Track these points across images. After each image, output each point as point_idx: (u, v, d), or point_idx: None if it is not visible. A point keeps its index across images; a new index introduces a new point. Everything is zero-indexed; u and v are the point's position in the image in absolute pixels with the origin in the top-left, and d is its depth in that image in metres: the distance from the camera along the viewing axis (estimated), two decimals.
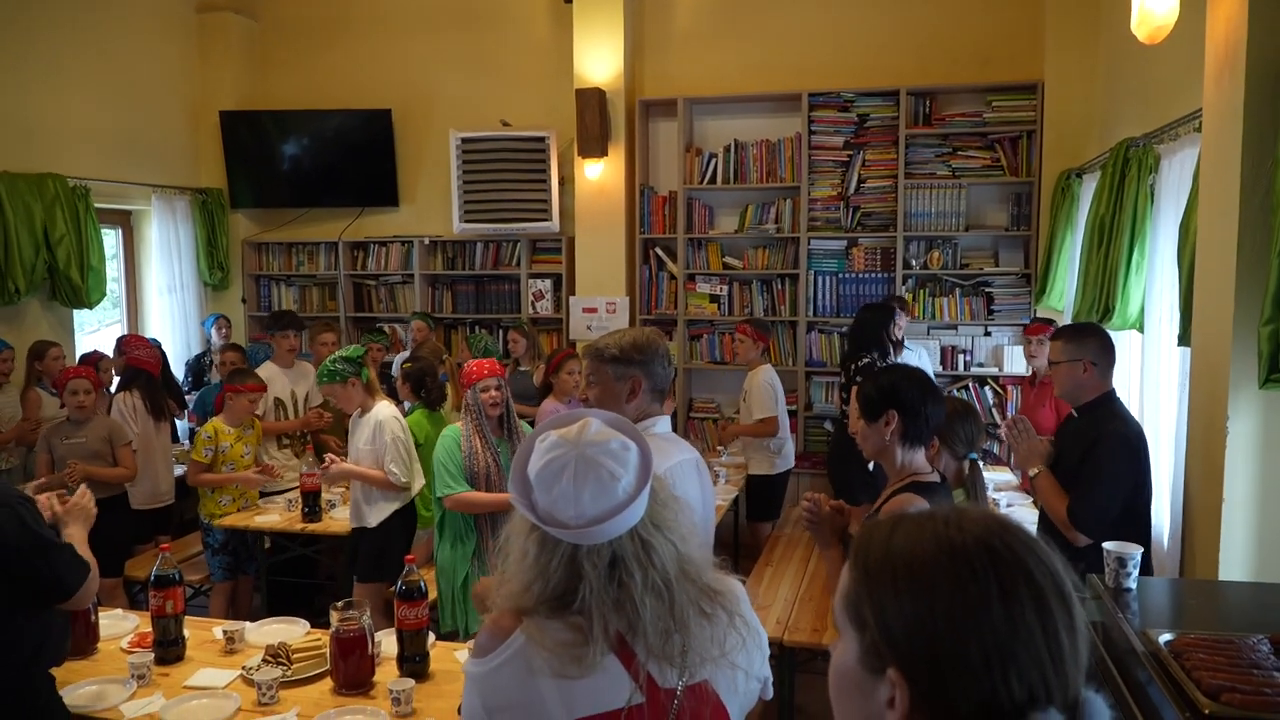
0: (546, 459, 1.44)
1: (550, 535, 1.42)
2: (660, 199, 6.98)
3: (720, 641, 1.46)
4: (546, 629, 1.41)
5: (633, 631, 1.41)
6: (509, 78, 7.31)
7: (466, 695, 1.48)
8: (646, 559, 1.42)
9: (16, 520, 2.36)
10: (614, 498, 1.40)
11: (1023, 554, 0.90)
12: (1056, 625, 0.87)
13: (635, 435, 1.49)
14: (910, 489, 2.47)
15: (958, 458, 3.00)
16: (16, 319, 6.09)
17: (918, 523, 0.94)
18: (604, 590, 1.40)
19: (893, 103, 6.43)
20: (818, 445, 6.78)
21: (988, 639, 0.86)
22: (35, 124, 6.18)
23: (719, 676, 1.48)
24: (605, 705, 1.40)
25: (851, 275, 6.65)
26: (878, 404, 2.54)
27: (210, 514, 4.84)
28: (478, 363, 3.87)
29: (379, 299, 7.75)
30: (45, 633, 2.50)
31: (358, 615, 2.86)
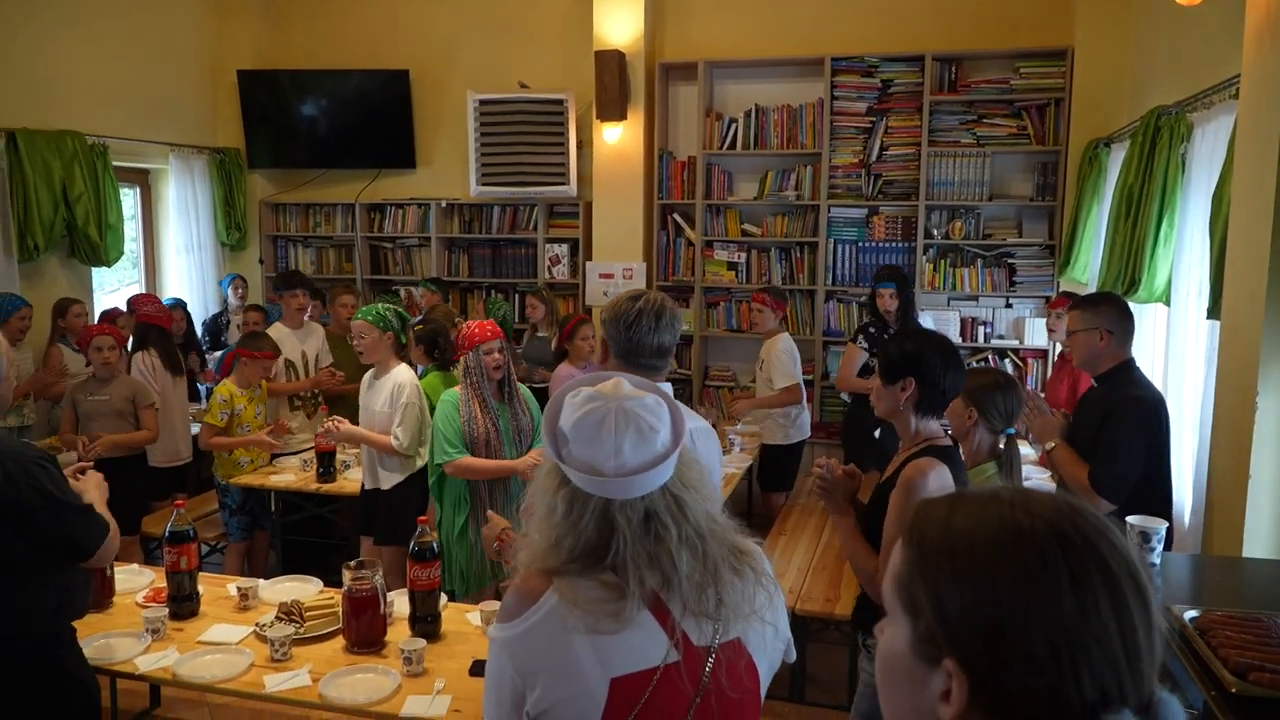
0: (584, 410, 1.43)
1: (581, 491, 1.41)
2: (679, 164, 6.90)
3: (750, 598, 1.46)
4: (579, 587, 1.39)
5: (667, 587, 1.40)
6: (528, 39, 7.23)
7: (493, 660, 1.46)
8: (680, 513, 1.42)
9: (33, 482, 2.36)
10: (653, 449, 1.40)
11: (1096, 540, 0.83)
12: (1133, 619, 0.81)
13: (664, 395, 1.50)
14: (928, 453, 2.44)
15: (994, 431, 2.95)
16: (36, 276, 6.10)
17: (980, 502, 0.88)
18: (639, 543, 1.39)
19: (917, 68, 6.32)
20: (834, 416, 6.73)
21: (1056, 630, 0.79)
22: (54, 81, 6.16)
23: (750, 633, 1.48)
24: (642, 663, 1.39)
25: (871, 244, 6.57)
26: (898, 368, 2.51)
27: (227, 473, 4.86)
28: (479, 324, 3.80)
29: (395, 261, 7.73)
30: (68, 588, 2.51)
31: (370, 575, 2.86)
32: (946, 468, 2.40)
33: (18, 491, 2.34)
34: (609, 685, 1.37)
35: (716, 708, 1.43)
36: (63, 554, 2.45)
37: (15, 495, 2.34)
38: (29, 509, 2.36)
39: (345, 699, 2.58)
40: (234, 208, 7.69)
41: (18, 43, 5.91)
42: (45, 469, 2.42)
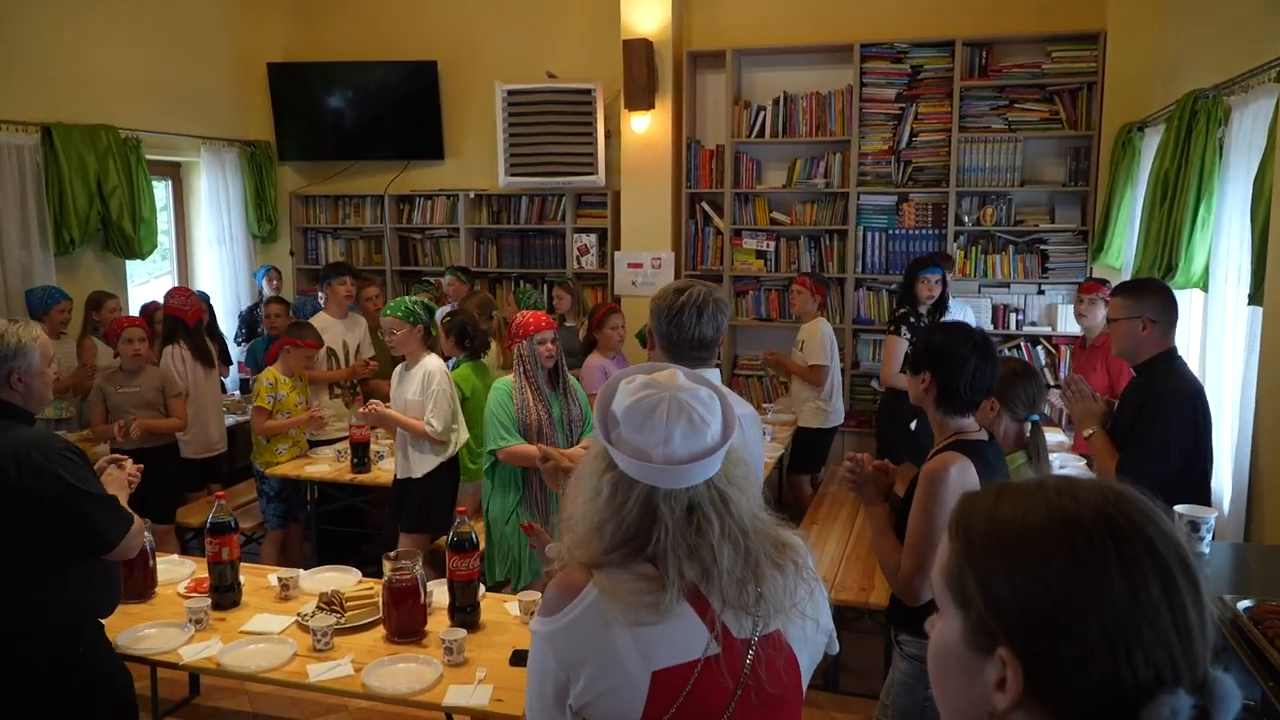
0: (638, 397, 1.43)
1: (627, 476, 1.41)
2: (707, 153, 6.88)
3: (790, 592, 1.46)
4: (618, 580, 1.40)
5: (707, 580, 1.40)
6: (555, 29, 7.22)
7: (535, 654, 1.47)
8: (724, 508, 1.42)
9: (57, 473, 2.39)
10: (702, 442, 1.40)
11: (1143, 524, 0.84)
12: (1183, 599, 0.81)
13: (719, 390, 1.50)
14: (953, 447, 2.42)
15: (1018, 419, 2.93)
16: (72, 269, 6.18)
17: (1026, 491, 0.88)
18: (680, 535, 1.39)
19: (948, 54, 6.26)
20: (864, 404, 6.71)
21: (1108, 614, 0.80)
22: (88, 76, 6.22)
23: (790, 627, 1.47)
24: (682, 656, 1.39)
25: (901, 231, 6.53)
26: (920, 360, 2.50)
27: (266, 462, 4.91)
28: (533, 314, 3.86)
29: (424, 252, 7.76)
30: (89, 583, 2.54)
31: (410, 565, 2.89)
32: (970, 463, 2.35)
33: (41, 481, 2.37)
34: (650, 678, 1.38)
35: (757, 701, 1.43)
36: (84, 545, 2.48)
37: (39, 485, 2.37)
38: (52, 499, 2.39)
39: (388, 688, 2.61)
40: (264, 200, 7.74)
41: (53, 38, 5.97)
42: (70, 460, 2.45)
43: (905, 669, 2.55)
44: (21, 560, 2.43)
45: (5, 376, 2.47)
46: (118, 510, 2.54)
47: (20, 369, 2.48)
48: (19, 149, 5.67)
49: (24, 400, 2.52)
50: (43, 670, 2.48)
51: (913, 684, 2.52)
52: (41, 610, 2.46)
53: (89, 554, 2.49)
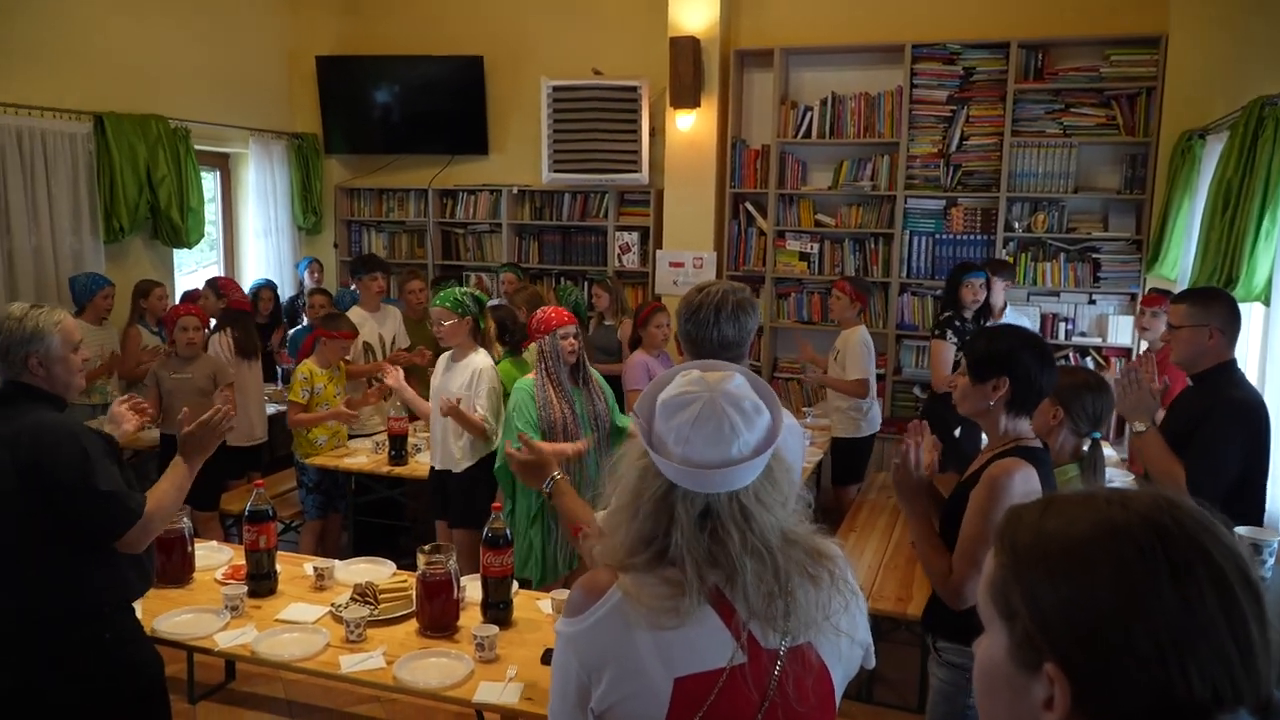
0: (679, 390, 1.40)
1: (653, 467, 1.38)
2: (752, 152, 6.82)
3: (824, 605, 1.40)
4: (643, 583, 1.36)
5: (731, 586, 1.36)
6: (602, 25, 7.20)
7: (559, 655, 1.44)
8: (744, 522, 1.36)
9: (67, 459, 2.38)
10: (723, 452, 1.35)
11: (1197, 533, 0.79)
12: (1243, 611, 0.76)
13: (774, 406, 1.43)
14: (1017, 453, 2.35)
15: (1079, 433, 2.84)
16: (120, 257, 6.26)
17: (1074, 501, 0.85)
18: (695, 539, 1.35)
19: (1002, 55, 6.15)
20: (905, 411, 6.62)
21: (1160, 626, 0.75)
22: (140, 66, 6.30)
23: (823, 641, 1.42)
24: (706, 664, 1.35)
25: (949, 236, 6.43)
26: (989, 367, 2.40)
27: (305, 452, 4.93)
28: (554, 310, 3.83)
29: (466, 247, 7.78)
30: (116, 567, 2.52)
31: (444, 559, 2.87)
32: (1034, 470, 2.30)
33: (56, 466, 2.37)
34: (673, 685, 1.34)
35: (784, 716, 1.38)
36: (89, 534, 2.45)
37: (54, 469, 2.37)
38: (63, 485, 2.38)
39: (419, 682, 2.59)
40: (310, 192, 7.81)
41: (106, 28, 6.05)
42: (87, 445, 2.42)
43: (944, 676, 2.48)
44: (48, 543, 2.42)
45: (23, 360, 2.45)
46: (125, 502, 2.48)
47: (38, 353, 2.46)
48: (72, 137, 5.76)
49: (47, 385, 2.50)
50: (68, 655, 2.48)
51: (953, 692, 2.45)
52: (66, 595, 2.46)
53: (97, 542, 2.47)
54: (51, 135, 5.62)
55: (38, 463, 2.36)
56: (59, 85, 5.72)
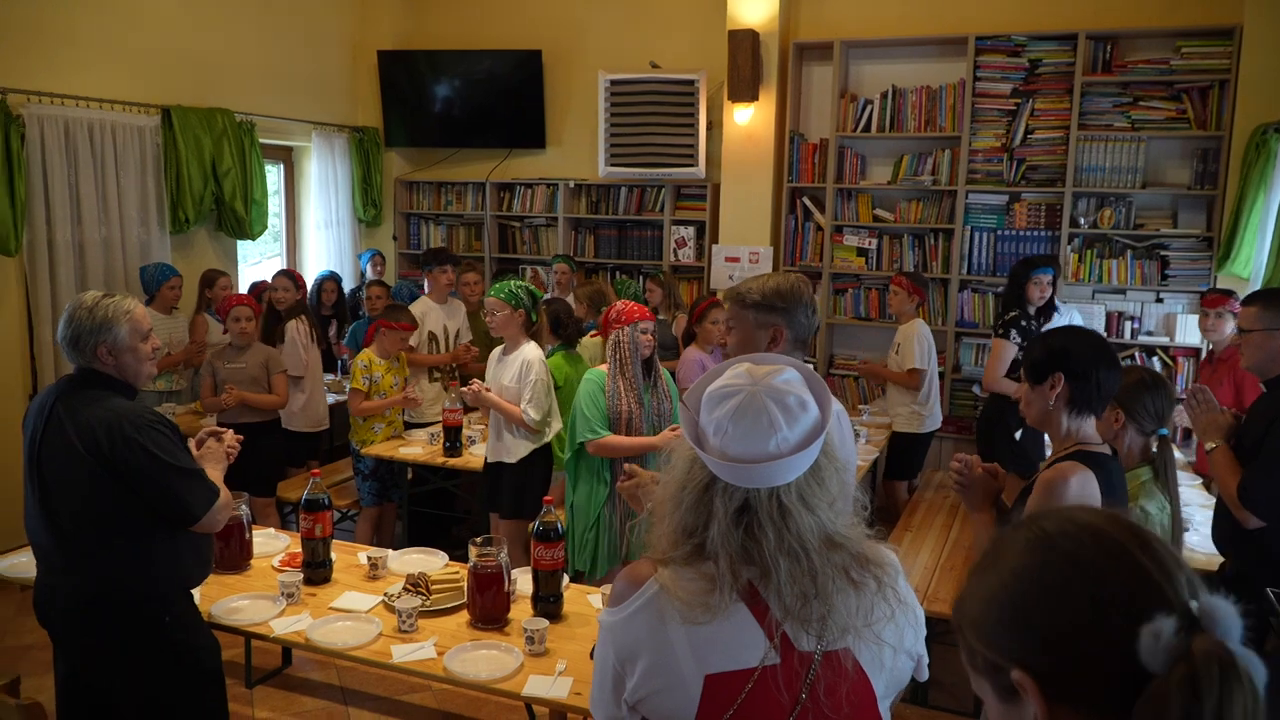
0: (724, 384, 1.39)
1: (699, 459, 1.38)
2: (810, 146, 6.75)
3: (866, 612, 1.36)
4: (680, 576, 1.35)
5: (766, 584, 1.33)
6: (660, 18, 7.17)
7: (599, 644, 1.45)
8: (781, 521, 1.33)
9: (143, 445, 2.43)
10: (761, 447, 1.33)
11: (1076, 516, 0.90)
12: (1127, 548, 0.85)
13: (824, 403, 1.40)
14: (1076, 457, 2.28)
15: (1145, 433, 2.76)
16: (186, 247, 6.40)
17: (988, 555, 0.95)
18: (729, 533, 1.33)
19: (1069, 47, 6.00)
20: (963, 410, 6.51)
21: (1075, 588, 0.84)
22: (207, 60, 6.42)
23: (862, 648, 1.38)
24: (738, 662, 1.33)
25: (1011, 232, 6.30)
26: (1044, 366, 2.34)
27: (362, 441, 5.00)
28: (636, 305, 3.86)
29: (523, 240, 7.82)
30: (177, 554, 2.58)
31: (495, 551, 2.88)
32: (1093, 475, 2.22)
33: (131, 452, 2.42)
34: (703, 681, 1.33)
35: None
36: (169, 516, 2.51)
37: (128, 455, 2.42)
38: (140, 469, 2.43)
39: (469, 674, 2.60)
40: (370, 185, 7.90)
41: (175, 24, 6.17)
42: (160, 432, 2.48)
43: None
44: (113, 528, 2.48)
45: (93, 349, 2.51)
46: (204, 483, 2.56)
47: (107, 342, 2.51)
48: (140, 130, 5.89)
49: (117, 373, 2.55)
50: (128, 637, 2.54)
51: None
52: (129, 578, 2.52)
53: (174, 525, 2.53)
54: (120, 128, 5.75)
55: (114, 451, 2.41)
56: (128, 79, 5.86)
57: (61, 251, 5.45)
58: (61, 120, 5.40)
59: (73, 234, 5.53)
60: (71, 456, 2.44)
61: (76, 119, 5.49)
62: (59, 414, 2.48)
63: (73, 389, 2.54)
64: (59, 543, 2.52)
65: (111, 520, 2.47)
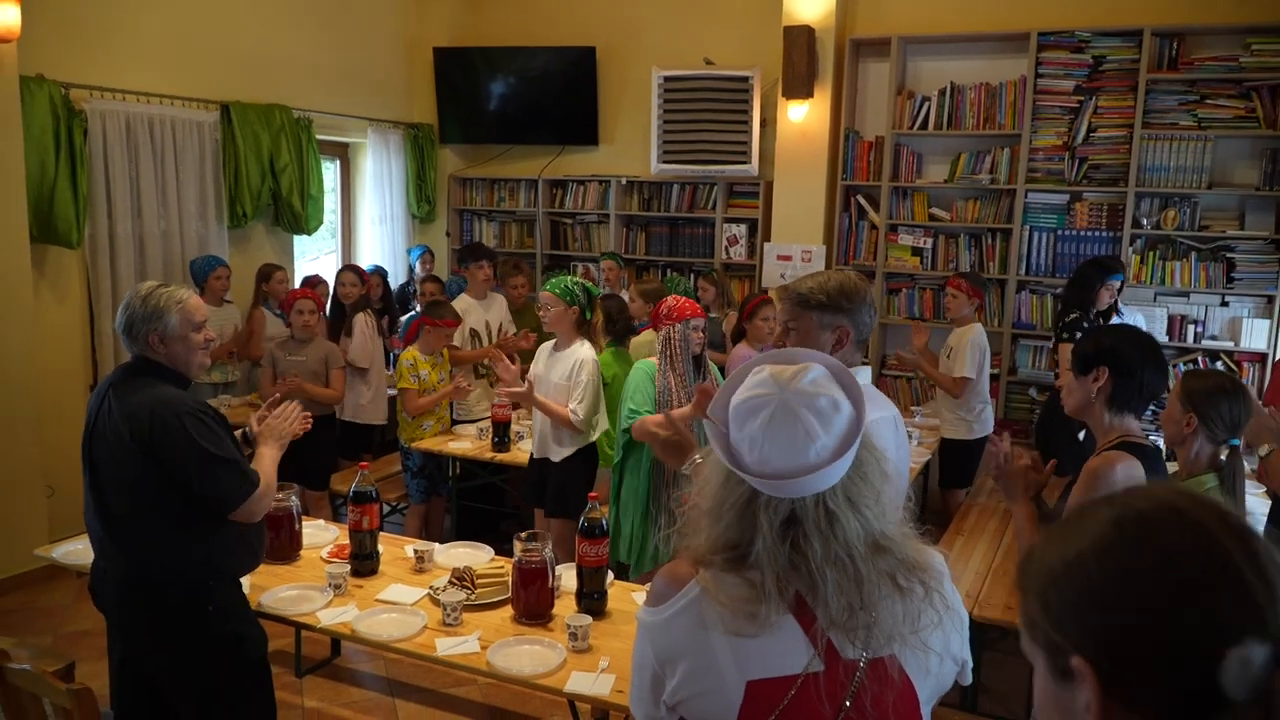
0: (750, 394, 1.34)
1: (735, 473, 1.33)
2: (865, 144, 6.67)
3: (913, 618, 1.33)
4: (723, 582, 1.32)
5: (813, 594, 1.30)
6: (715, 14, 7.13)
7: (638, 643, 1.43)
8: (829, 529, 1.30)
9: (184, 431, 2.46)
10: (802, 458, 1.29)
11: (1179, 503, 0.82)
12: (1233, 557, 0.77)
13: (856, 396, 1.36)
14: (1121, 447, 2.26)
15: (1216, 441, 2.66)
16: (243, 242, 6.50)
17: (1073, 517, 0.88)
18: (776, 547, 1.29)
19: (1134, 44, 5.84)
20: (1019, 413, 6.38)
21: (1162, 587, 0.77)
22: (266, 57, 6.51)
23: (908, 655, 1.35)
24: (781, 670, 1.30)
25: (1072, 232, 6.16)
26: (1091, 359, 2.38)
27: (410, 437, 5.04)
28: (688, 300, 3.85)
29: (574, 237, 7.82)
30: (222, 543, 2.61)
31: (540, 547, 2.88)
32: (1138, 462, 2.24)
33: (171, 439, 2.45)
34: (745, 688, 1.30)
35: None
36: (206, 503, 2.54)
37: (169, 442, 2.45)
38: (178, 457, 2.46)
39: (512, 669, 2.60)
40: (425, 181, 7.97)
41: (234, 21, 6.27)
42: (201, 419, 2.51)
43: None
44: (157, 514, 2.52)
45: (145, 337, 2.55)
46: (242, 473, 2.58)
47: (159, 330, 2.55)
48: (200, 125, 5.99)
49: (168, 361, 2.59)
50: (173, 624, 2.58)
51: None
52: (174, 565, 2.55)
53: (213, 512, 2.56)
54: (180, 123, 5.86)
55: (155, 437, 2.45)
56: (189, 75, 5.96)
57: (122, 244, 5.57)
58: (123, 115, 5.51)
59: (133, 227, 5.65)
60: (119, 442, 2.48)
61: (138, 114, 5.60)
62: (110, 400, 2.53)
63: (126, 377, 2.58)
64: (109, 528, 2.57)
65: (157, 507, 2.51)
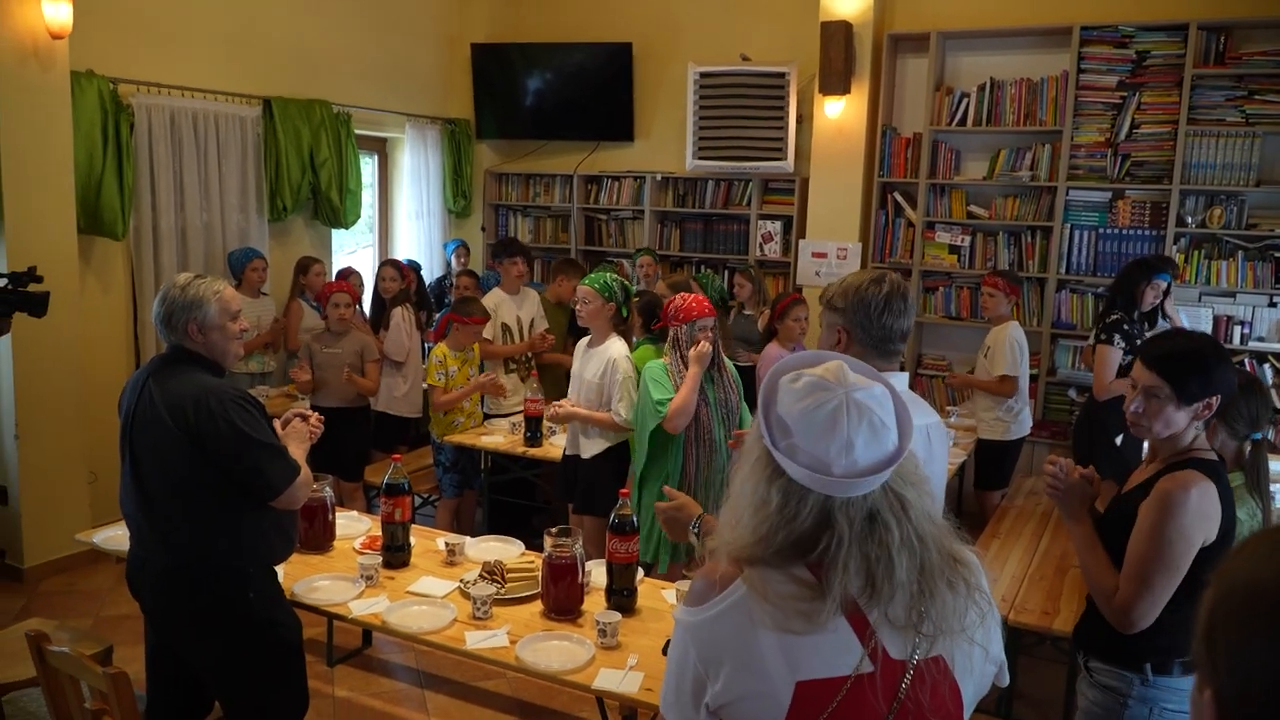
0: (811, 400, 1.30)
1: (798, 484, 1.28)
2: (903, 140, 6.60)
3: (960, 614, 1.31)
4: (770, 580, 1.29)
5: (871, 591, 1.28)
6: (751, 10, 7.09)
7: (677, 644, 1.39)
8: (903, 512, 1.29)
9: (228, 419, 2.50)
10: (885, 448, 1.28)
11: None
12: None
13: (889, 386, 1.35)
14: (1192, 465, 2.18)
15: (1238, 437, 2.63)
16: (283, 235, 6.57)
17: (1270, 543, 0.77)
18: (855, 545, 1.27)
19: (1179, 38, 5.73)
20: (1058, 414, 6.29)
21: None
22: (307, 53, 6.57)
23: (956, 652, 1.33)
24: (831, 670, 1.28)
25: (1114, 230, 6.05)
26: (1197, 389, 2.23)
27: (442, 432, 5.06)
28: (695, 299, 3.81)
29: (609, 233, 7.82)
30: (261, 531, 2.65)
31: (571, 543, 2.88)
32: (1213, 487, 2.14)
33: (216, 426, 2.48)
34: (794, 688, 1.28)
35: None
36: (250, 490, 2.58)
37: (214, 429, 2.49)
38: (224, 443, 2.50)
39: (540, 664, 2.60)
40: (461, 176, 8.00)
41: (277, 17, 6.34)
42: (244, 407, 2.55)
43: (1094, 698, 2.33)
44: (199, 502, 2.56)
45: (184, 326, 2.60)
46: (285, 460, 2.62)
47: (197, 319, 2.60)
48: (242, 120, 6.06)
49: (206, 351, 2.64)
50: (212, 609, 2.61)
51: (1101, 715, 2.31)
52: (216, 552, 2.59)
53: (256, 499, 2.60)
54: (223, 117, 5.94)
55: (200, 424, 2.49)
56: (232, 70, 6.04)
57: (165, 236, 5.66)
58: (168, 110, 5.59)
59: (176, 220, 5.73)
60: (160, 430, 2.52)
61: (182, 109, 5.68)
62: (150, 389, 2.57)
63: (164, 366, 2.62)
64: (148, 515, 2.61)
65: (197, 493, 2.55)
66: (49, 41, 4.75)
